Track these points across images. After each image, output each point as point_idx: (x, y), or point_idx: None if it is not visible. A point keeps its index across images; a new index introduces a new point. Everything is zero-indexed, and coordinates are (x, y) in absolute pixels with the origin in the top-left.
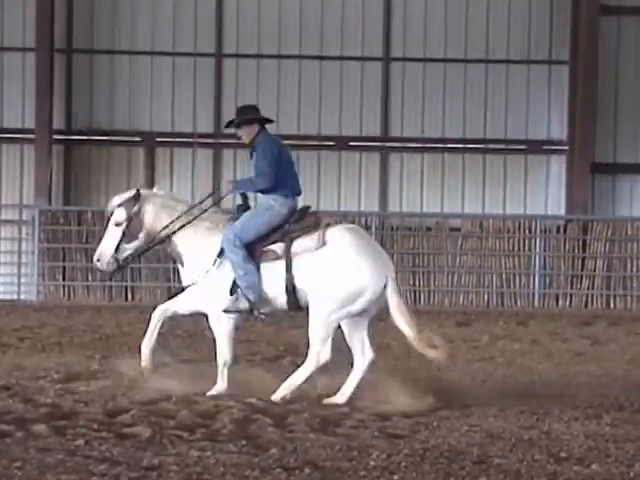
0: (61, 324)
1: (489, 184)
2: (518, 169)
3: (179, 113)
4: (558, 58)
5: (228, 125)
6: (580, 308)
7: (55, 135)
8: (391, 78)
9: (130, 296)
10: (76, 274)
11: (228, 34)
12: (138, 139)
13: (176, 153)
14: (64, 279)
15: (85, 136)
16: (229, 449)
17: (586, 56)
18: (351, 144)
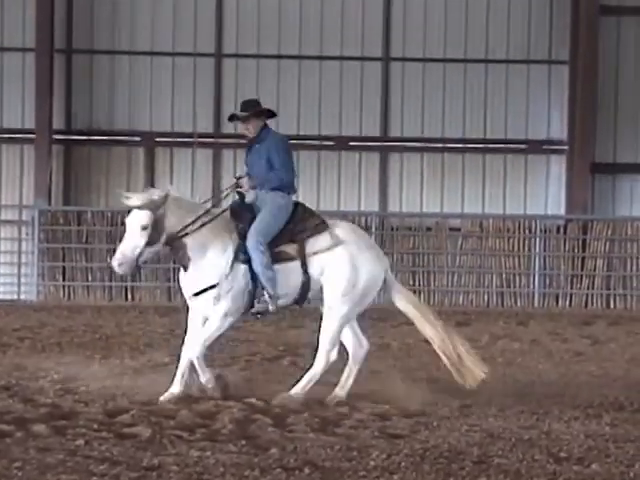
0: (61, 324)
1: (489, 184)
2: (518, 169)
3: (179, 113)
4: (558, 58)
5: (233, 119)
6: (580, 308)
7: (55, 135)
8: (391, 78)
9: (130, 296)
10: (76, 274)
11: (228, 34)
12: (138, 139)
13: (176, 153)
14: (64, 279)
15: (85, 136)
16: (229, 449)
17: (586, 56)
18: (351, 144)
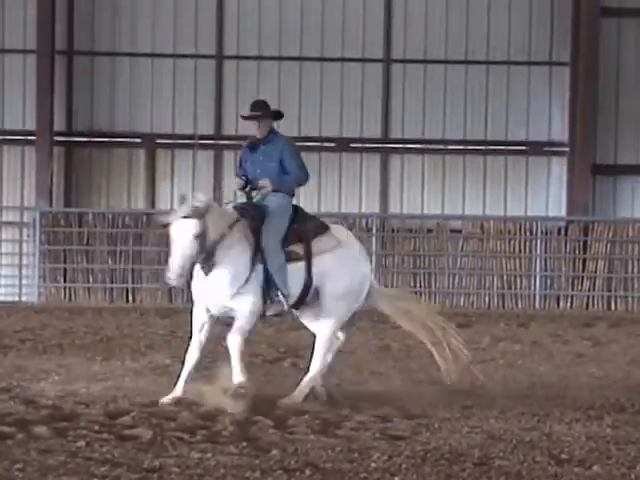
0: (62, 326)
1: (490, 185)
2: (519, 170)
3: (180, 115)
4: (559, 59)
5: (249, 117)
6: (581, 310)
7: (56, 137)
8: (392, 79)
9: (131, 298)
10: (77, 276)
11: (229, 36)
12: (139, 141)
13: (177, 155)
14: (65, 281)
15: (86, 138)
16: (230, 451)
17: (587, 57)
18: (352, 145)
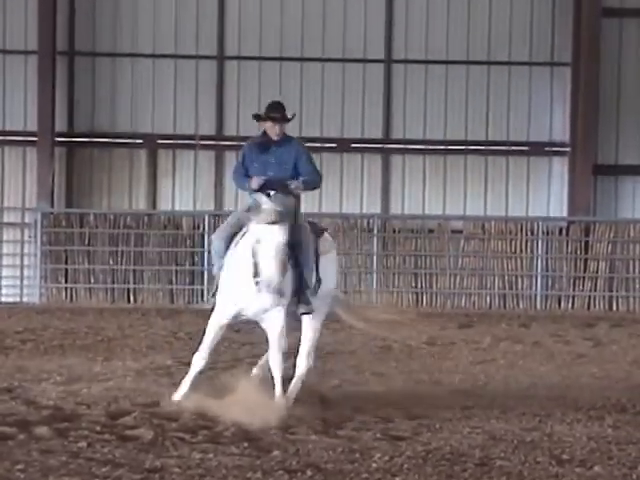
0: (63, 326)
1: (491, 186)
2: (520, 171)
3: (181, 115)
4: (560, 60)
5: (275, 119)
6: (582, 310)
7: (57, 137)
8: (393, 80)
9: (132, 298)
10: (78, 276)
11: (230, 36)
12: (140, 141)
13: (178, 155)
14: (66, 281)
15: (87, 138)
16: (231, 451)
17: (588, 58)
18: (353, 146)
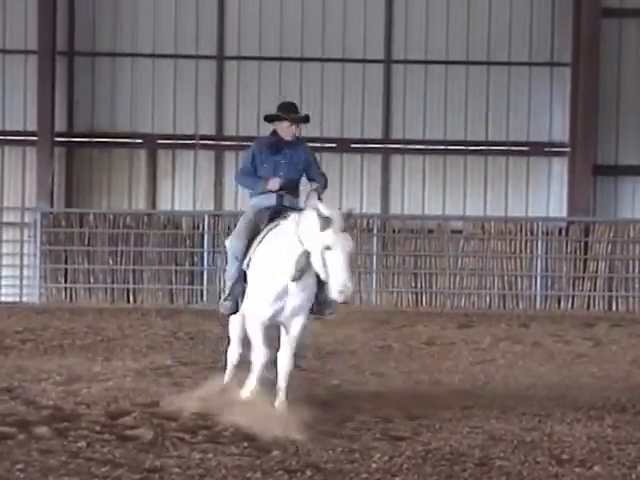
0: (63, 326)
1: (491, 186)
2: (520, 171)
3: (181, 115)
4: (560, 60)
5: (302, 120)
6: (582, 310)
7: (57, 137)
8: (393, 80)
9: (132, 298)
10: (78, 276)
11: (230, 36)
12: (140, 141)
13: (178, 155)
14: (66, 281)
15: (87, 138)
16: (231, 451)
17: (588, 58)
18: (353, 146)
